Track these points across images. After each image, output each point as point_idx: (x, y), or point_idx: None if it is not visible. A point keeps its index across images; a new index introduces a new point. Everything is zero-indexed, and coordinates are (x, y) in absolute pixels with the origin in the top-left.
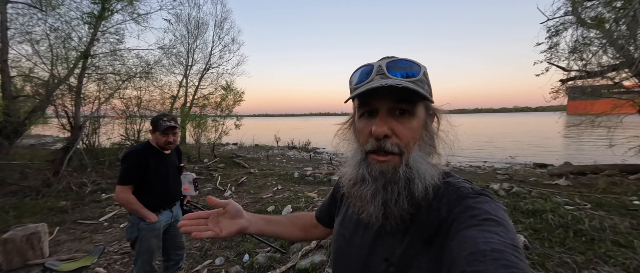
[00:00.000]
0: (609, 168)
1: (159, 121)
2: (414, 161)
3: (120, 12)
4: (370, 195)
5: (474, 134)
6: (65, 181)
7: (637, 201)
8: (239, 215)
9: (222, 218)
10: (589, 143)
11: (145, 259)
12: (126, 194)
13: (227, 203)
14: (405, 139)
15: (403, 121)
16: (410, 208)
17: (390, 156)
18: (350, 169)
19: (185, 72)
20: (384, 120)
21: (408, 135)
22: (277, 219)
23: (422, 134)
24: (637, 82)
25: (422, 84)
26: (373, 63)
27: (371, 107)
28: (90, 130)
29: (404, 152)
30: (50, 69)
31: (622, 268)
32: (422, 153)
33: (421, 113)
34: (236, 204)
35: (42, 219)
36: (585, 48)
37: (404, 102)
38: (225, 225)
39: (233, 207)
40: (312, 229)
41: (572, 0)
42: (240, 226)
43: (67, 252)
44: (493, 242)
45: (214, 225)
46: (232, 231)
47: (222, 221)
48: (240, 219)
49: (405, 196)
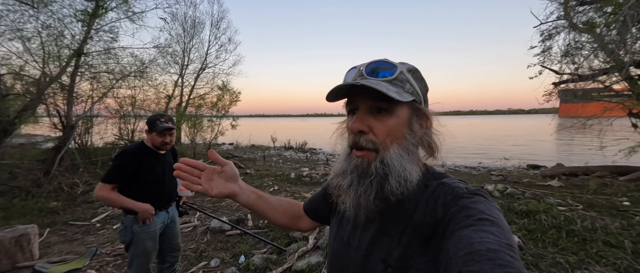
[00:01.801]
0: (600, 169)
1: (156, 122)
2: (390, 159)
3: (114, 10)
4: (346, 186)
5: (469, 136)
6: (56, 181)
7: (627, 202)
8: (234, 179)
9: (217, 177)
10: (580, 145)
11: (141, 262)
12: (106, 191)
13: (226, 163)
14: (381, 137)
15: (380, 119)
16: (379, 203)
17: (365, 152)
18: (338, 164)
19: (181, 71)
20: (360, 117)
21: (384, 132)
22: (268, 198)
23: (404, 133)
24: (626, 85)
25: (401, 83)
26: (358, 66)
27: (353, 105)
28: (82, 129)
29: (379, 149)
30: (41, 67)
31: (614, 268)
32: (403, 152)
33: (403, 112)
34: (235, 168)
35: (31, 220)
36: (577, 52)
37: (382, 100)
38: (217, 185)
39: (231, 169)
40: (297, 220)
41: (564, 5)
42: (231, 190)
43: (58, 254)
44: (488, 241)
45: (206, 181)
46: (222, 193)
47: (216, 180)
48: (234, 184)
49: (375, 191)
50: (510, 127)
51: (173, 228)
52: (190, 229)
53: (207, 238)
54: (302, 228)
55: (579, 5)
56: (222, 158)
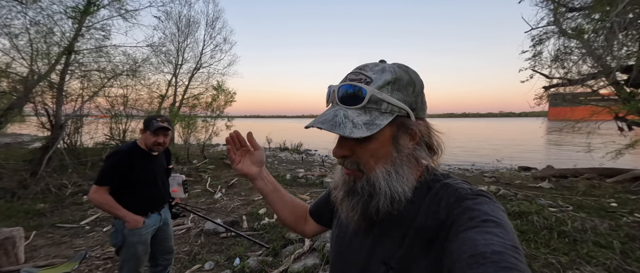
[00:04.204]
0: (588, 171)
1: (152, 121)
2: (376, 179)
3: (107, 7)
4: (340, 198)
5: (462, 138)
6: (43, 182)
7: (615, 203)
8: (260, 164)
9: (248, 156)
10: (569, 147)
11: (131, 266)
12: (101, 195)
13: (259, 147)
14: (363, 160)
15: (361, 145)
16: (365, 219)
17: (351, 171)
18: (335, 175)
19: (175, 71)
20: (342, 144)
21: (366, 157)
22: (283, 194)
23: (389, 152)
24: (613, 90)
25: (376, 105)
26: (333, 87)
27: None
28: (72, 129)
29: (363, 171)
30: (29, 64)
31: (604, 268)
32: (390, 170)
33: (385, 134)
34: (263, 155)
35: (17, 223)
36: (566, 57)
37: None
38: (244, 162)
39: (260, 155)
40: (302, 222)
41: (554, 11)
42: (252, 172)
43: (45, 257)
44: (493, 243)
45: (240, 155)
46: (243, 170)
47: (245, 159)
48: (258, 168)
49: (361, 209)
50: (501, 129)
51: (165, 231)
52: (184, 231)
53: (201, 241)
54: (306, 232)
55: (568, 12)
56: (256, 142)
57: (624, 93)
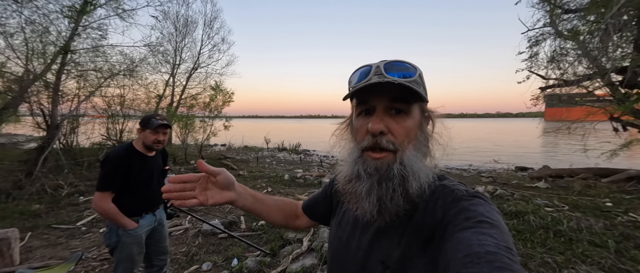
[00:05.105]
0: (584, 171)
1: (151, 119)
2: (408, 160)
3: (104, 6)
4: (365, 191)
5: (460, 138)
6: (39, 183)
7: (610, 203)
8: (230, 186)
9: (212, 186)
10: (565, 147)
11: (125, 267)
12: (105, 203)
13: (219, 172)
14: (400, 138)
15: (398, 120)
16: (405, 205)
17: (385, 153)
18: (347, 167)
19: (173, 71)
20: (380, 117)
21: (403, 133)
22: (264, 199)
23: (417, 135)
24: (608, 91)
25: (417, 85)
26: (371, 64)
27: (369, 105)
28: (68, 129)
29: (398, 150)
30: (25, 64)
31: (599, 267)
32: (417, 153)
33: (416, 114)
34: (229, 175)
35: (12, 224)
36: (562, 58)
37: (400, 101)
38: (213, 194)
39: (225, 178)
40: (293, 219)
41: (550, 13)
42: (228, 198)
43: (41, 259)
44: (487, 244)
45: (200, 192)
46: (218, 202)
47: (211, 189)
48: (230, 191)
49: (400, 193)
50: (499, 130)
51: (161, 231)
52: (181, 232)
53: (198, 241)
54: (298, 226)
55: (564, 14)
56: (213, 168)
57: (618, 94)
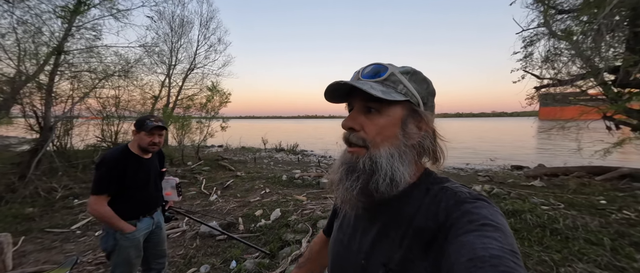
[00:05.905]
0: (578, 170)
1: (146, 121)
2: (379, 157)
3: (98, 6)
4: (337, 180)
5: (456, 138)
6: (32, 186)
7: (604, 201)
8: None
9: None
10: (560, 145)
11: (123, 271)
12: (101, 206)
13: None
14: (370, 135)
15: (371, 118)
16: (364, 199)
17: (356, 148)
18: (335, 165)
19: (168, 71)
20: (353, 116)
21: (374, 131)
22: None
23: (396, 134)
24: (601, 90)
25: (393, 84)
26: (358, 69)
27: (350, 106)
28: (62, 131)
29: (368, 146)
30: (17, 65)
31: (595, 265)
32: (394, 152)
33: (395, 113)
34: None
35: (5, 228)
36: (556, 58)
37: (371, 101)
38: None
39: None
40: (325, 249)
41: (544, 14)
42: None
43: (34, 263)
44: (491, 247)
45: None
46: None
47: None
48: None
49: (360, 186)
50: (494, 129)
51: (158, 234)
52: (179, 234)
53: (196, 244)
54: None
55: (557, 14)
56: None
57: (611, 93)
